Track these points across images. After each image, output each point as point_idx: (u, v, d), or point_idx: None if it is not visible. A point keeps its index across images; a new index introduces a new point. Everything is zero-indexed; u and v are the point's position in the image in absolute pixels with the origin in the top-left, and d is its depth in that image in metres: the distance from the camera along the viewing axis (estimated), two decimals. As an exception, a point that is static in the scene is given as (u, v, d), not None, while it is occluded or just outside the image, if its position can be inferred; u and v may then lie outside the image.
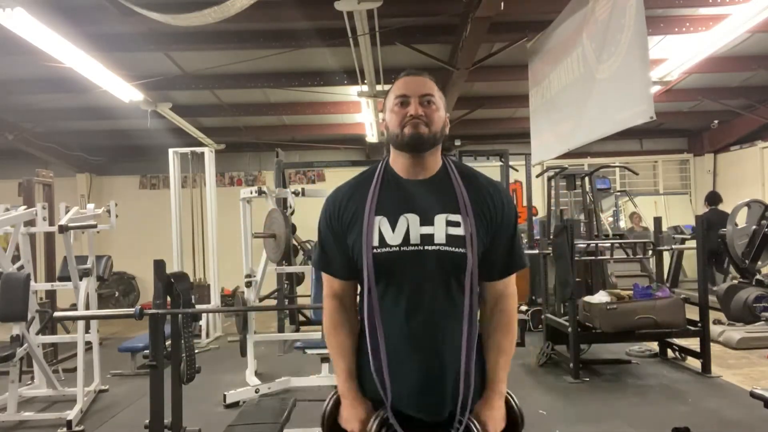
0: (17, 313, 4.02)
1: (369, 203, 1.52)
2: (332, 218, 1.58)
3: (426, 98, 1.53)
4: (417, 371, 1.48)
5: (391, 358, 1.49)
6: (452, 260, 1.48)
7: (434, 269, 1.48)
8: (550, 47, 5.24)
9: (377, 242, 1.49)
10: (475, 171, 1.62)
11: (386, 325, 1.50)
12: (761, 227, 5.87)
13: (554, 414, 4.09)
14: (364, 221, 1.50)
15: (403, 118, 1.51)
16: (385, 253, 1.48)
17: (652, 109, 3.51)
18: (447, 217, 1.50)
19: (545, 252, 5.94)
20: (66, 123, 8.61)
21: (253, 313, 5.33)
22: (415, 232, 1.48)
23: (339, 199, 1.59)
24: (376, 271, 1.48)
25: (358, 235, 1.51)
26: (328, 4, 4.30)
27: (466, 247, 1.47)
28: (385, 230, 1.49)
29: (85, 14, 4.93)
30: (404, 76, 1.58)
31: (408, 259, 1.48)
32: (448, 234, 1.48)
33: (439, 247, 1.47)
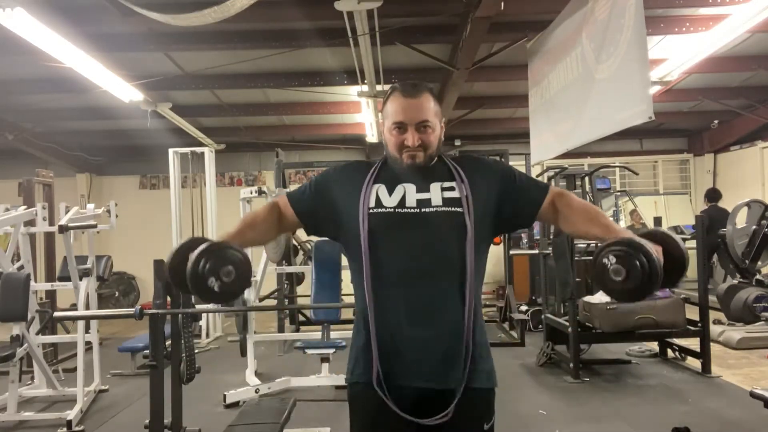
0: (17, 313, 4.02)
1: (369, 175, 1.59)
2: (331, 179, 1.66)
3: (422, 125, 1.56)
4: (416, 337, 1.48)
5: (388, 327, 1.49)
6: (450, 219, 1.51)
7: (431, 230, 1.50)
8: (550, 47, 5.24)
9: (373, 203, 1.53)
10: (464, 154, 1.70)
11: (383, 293, 1.50)
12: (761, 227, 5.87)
13: (554, 414, 4.09)
14: (363, 186, 1.56)
15: (400, 146, 1.56)
16: (381, 213, 1.52)
17: (651, 110, 3.51)
18: (442, 185, 1.56)
19: (545, 252, 5.94)
20: (66, 123, 8.61)
21: (253, 313, 5.33)
22: (412, 197, 1.54)
23: (340, 169, 1.69)
24: (371, 231, 1.50)
25: (353, 200, 1.55)
26: (328, 4, 4.30)
27: (462, 206, 1.51)
28: (382, 194, 1.55)
29: (85, 14, 4.93)
30: (400, 96, 1.58)
31: (403, 220, 1.51)
32: (444, 197, 1.53)
33: (437, 209, 1.52)
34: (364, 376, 1.54)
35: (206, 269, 1.42)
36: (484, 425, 1.55)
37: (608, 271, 1.34)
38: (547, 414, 4.09)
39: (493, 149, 7.90)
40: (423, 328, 1.48)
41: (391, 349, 1.49)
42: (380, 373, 1.49)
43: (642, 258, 1.31)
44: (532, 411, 4.15)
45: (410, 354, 1.49)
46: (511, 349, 6.07)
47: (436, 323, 1.49)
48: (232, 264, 1.44)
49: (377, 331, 1.49)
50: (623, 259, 1.33)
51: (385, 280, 1.50)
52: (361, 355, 1.55)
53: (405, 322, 1.48)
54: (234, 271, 1.43)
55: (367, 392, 1.53)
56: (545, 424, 3.90)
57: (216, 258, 1.43)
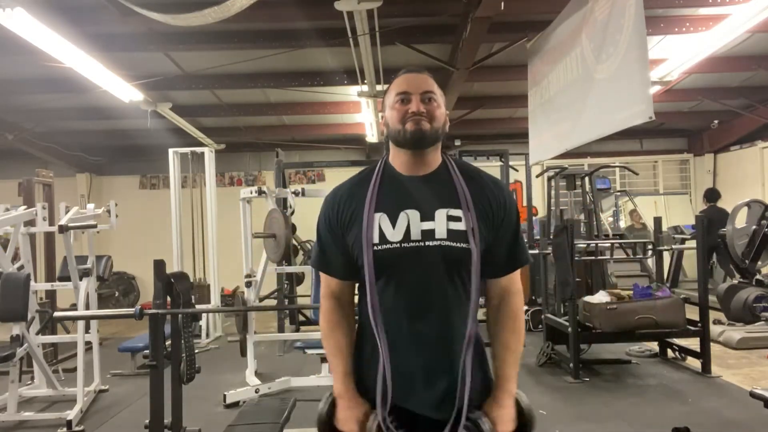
0: (17, 313, 4.02)
1: (368, 200, 1.51)
2: (331, 218, 1.57)
3: (427, 95, 1.52)
4: (418, 368, 1.47)
5: (391, 356, 1.48)
6: (454, 255, 1.47)
7: (436, 265, 1.47)
8: (550, 47, 5.24)
9: (377, 239, 1.47)
10: (475, 167, 1.62)
11: (387, 322, 1.49)
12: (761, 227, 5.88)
13: (554, 414, 4.09)
14: (364, 218, 1.49)
15: (404, 115, 1.50)
16: (386, 250, 1.47)
17: (651, 109, 3.51)
18: (448, 212, 1.48)
19: (545, 252, 5.94)
20: (66, 123, 8.61)
21: (253, 313, 5.33)
22: (416, 228, 1.47)
23: (338, 199, 1.58)
24: (376, 268, 1.47)
25: (358, 232, 1.49)
26: (328, 4, 4.30)
27: (468, 242, 1.46)
28: (386, 227, 1.48)
29: (85, 14, 4.93)
30: (404, 74, 1.57)
31: (409, 256, 1.46)
32: (449, 229, 1.47)
33: (441, 243, 1.46)
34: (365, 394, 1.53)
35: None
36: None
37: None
38: (547, 414, 4.09)
39: (493, 149, 7.89)
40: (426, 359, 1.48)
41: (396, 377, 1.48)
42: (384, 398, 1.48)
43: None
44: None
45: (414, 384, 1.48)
46: (511, 349, 6.06)
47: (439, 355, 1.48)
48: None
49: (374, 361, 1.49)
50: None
51: (390, 313, 1.49)
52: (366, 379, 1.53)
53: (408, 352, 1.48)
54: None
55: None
56: (545, 424, 3.90)
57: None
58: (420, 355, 1.48)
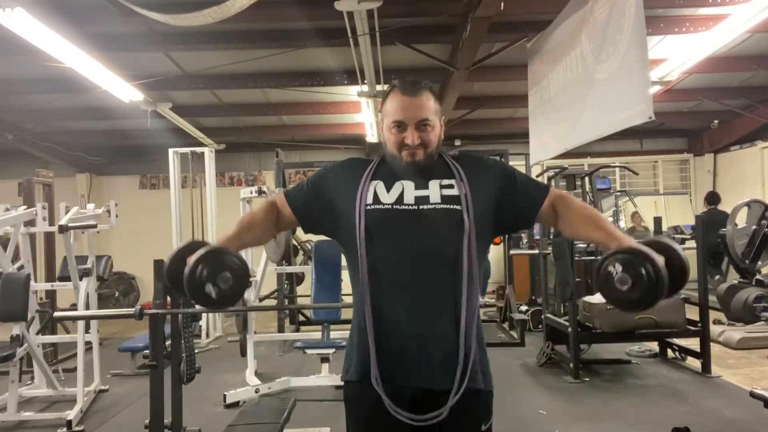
0: (17, 313, 4.02)
1: (366, 172, 1.59)
2: (327, 177, 1.65)
3: (422, 123, 1.55)
4: (414, 336, 1.47)
5: (384, 325, 1.48)
6: (448, 217, 1.49)
7: (429, 227, 1.49)
8: (550, 47, 5.24)
9: (371, 200, 1.52)
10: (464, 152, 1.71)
11: (380, 289, 1.48)
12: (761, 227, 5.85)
13: (554, 414, 4.09)
14: (360, 184, 1.55)
15: (400, 144, 1.55)
16: (378, 210, 1.51)
17: (651, 109, 3.50)
18: (441, 182, 1.55)
19: (545, 252, 5.94)
20: (66, 123, 8.61)
21: (253, 313, 5.33)
22: (410, 194, 1.53)
23: (338, 167, 1.68)
24: (368, 228, 1.49)
25: (351, 197, 1.54)
26: (328, 4, 4.30)
27: (461, 204, 1.50)
28: (380, 191, 1.54)
29: (85, 14, 4.93)
30: (400, 94, 1.56)
31: (401, 217, 1.49)
32: (443, 195, 1.52)
33: (435, 206, 1.50)
34: (359, 374, 1.52)
35: (203, 276, 1.41)
36: (482, 426, 1.55)
37: (613, 279, 1.31)
38: (547, 414, 4.09)
39: (493, 149, 7.89)
40: (420, 327, 1.47)
41: (388, 348, 1.48)
42: (378, 372, 1.48)
43: (648, 267, 1.29)
44: (532, 411, 4.16)
45: (407, 354, 1.47)
46: (511, 349, 6.07)
47: (434, 323, 1.47)
48: (230, 270, 1.43)
49: (375, 330, 1.48)
50: (629, 268, 1.30)
51: (383, 278, 1.49)
52: (357, 353, 1.54)
53: (403, 321, 1.47)
54: (231, 278, 1.42)
55: (362, 391, 1.51)
56: (545, 424, 3.90)
57: (213, 264, 1.42)
58: (417, 322, 1.47)
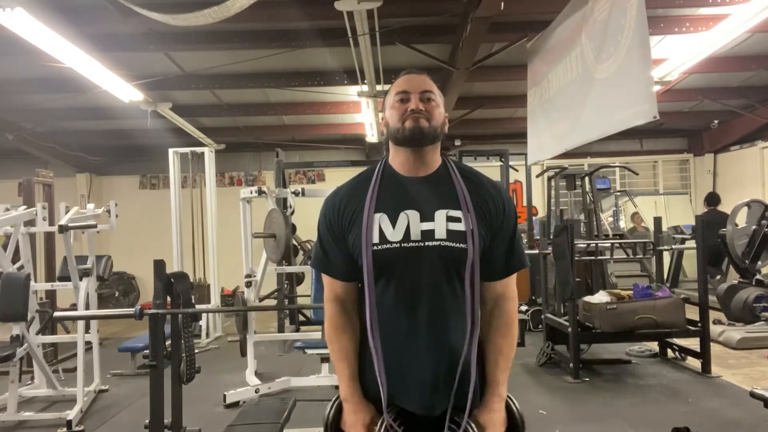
0: (17, 313, 4.02)
1: (368, 201, 1.51)
2: (332, 219, 1.57)
3: (426, 95, 1.54)
4: (419, 368, 1.48)
5: (392, 356, 1.48)
6: (453, 256, 1.47)
7: (435, 265, 1.47)
8: (549, 47, 5.24)
9: (377, 239, 1.48)
10: (475, 171, 1.62)
11: (387, 322, 1.49)
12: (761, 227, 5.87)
13: (554, 414, 4.09)
14: (364, 218, 1.49)
15: (403, 113, 1.52)
16: (386, 250, 1.47)
17: (656, 109, 3.48)
18: (447, 213, 1.49)
19: (545, 252, 5.94)
20: (66, 123, 8.61)
21: (253, 313, 5.33)
22: (416, 229, 1.48)
23: (338, 200, 1.58)
24: (376, 268, 1.48)
25: (358, 233, 1.49)
26: (328, 4, 4.30)
27: (467, 243, 1.47)
28: (386, 227, 1.49)
29: (85, 14, 4.93)
30: (404, 75, 1.59)
31: (409, 256, 1.47)
32: (448, 229, 1.48)
33: (440, 243, 1.47)
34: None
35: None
36: None
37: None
38: (547, 414, 4.09)
39: (493, 149, 7.89)
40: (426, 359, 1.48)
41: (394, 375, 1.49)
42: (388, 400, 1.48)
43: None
44: (532, 411, 4.15)
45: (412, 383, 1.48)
46: (511, 349, 6.06)
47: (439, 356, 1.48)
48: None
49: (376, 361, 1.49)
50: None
51: (388, 314, 1.49)
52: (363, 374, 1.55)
53: (408, 353, 1.48)
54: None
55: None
56: (545, 424, 3.90)
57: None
58: (420, 356, 1.48)
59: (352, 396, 1.52)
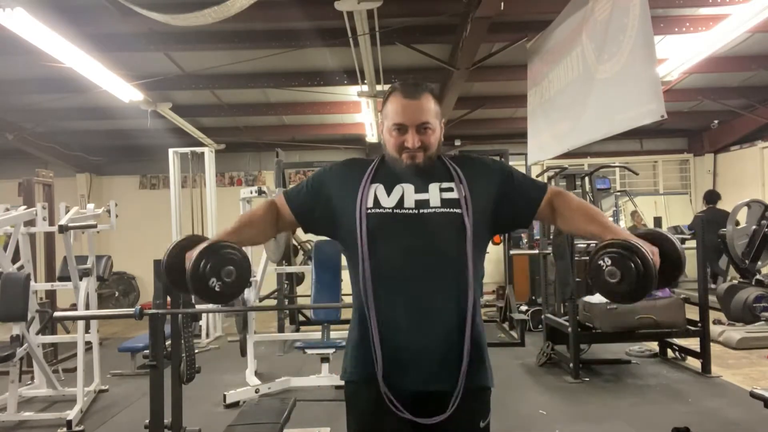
0: (17, 313, 4.02)
1: (366, 174, 1.59)
2: (325, 179, 1.65)
3: (423, 126, 1.55)
4: (415, 338, 1.48)
5: (387, 327, 1.48)
6: (448, 220, 1.50)
7: (430, 231, 1.50)
8: (550, 47, 5.24)
9: (371, 204, 1.52)
10: (464, 154, 1.73)
11: (382, 292, 1.49)
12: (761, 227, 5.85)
13: (554, 414, 4.09)
14: (360, 187, 1.55)
15: (401, 147, 1.56)
16: (379, 214, 1.51)
17: (663, 108, 3.42)
18: (440, 185, 1.56)
19: (545, 252, 5.94)
20: (66, 123, 8.60)
21: (253, 313, 5.33)
22: (410, 198, 1.53)
23: (341, 167, 1.68)
24: (369, 232, 1.50)
25: (351, 199, 1.54)
26: (328, 4, 4.30)
27: (461, 208, 1.51)
28: (380, 194, 1.54)
29: (85, 14, 4.93)
30: (400, 96, 1.57)
31: (402, 221, 1.50)
32: (442, 198, 1.53)
33: (435, 209, 1.51)
34: (360, 374, 1.54)
35: (207, 269, 1.42)
36: (480, 423, 1.56)
37: (603, 272, 1.35)
38: (547, 414, 4.09)
39: (493, 149, 7.89)
40: (422, 328, 1.48)
41: (390, 350, 1.49)
42: (382, 373, 1.48)
43: (636, 260, 1.32)
44: (532, 411, 4.15)
45: (409, 354, 1.49)
46: (511, 349, 6.07)
47: (435, 324, 1.49)
48: (233, 264, 1.43)
49: (378, 331, 1.49)
50: (618, 261, 1.34)
51: (384, 281, 1.50)
52: (357, 353, 1.55)
53: (404, 323, 1.48)
54: (234, 271, 1.43)
55: (363, 390, 1.53)
56: (545, 424, 3.90)
57: (216, 258, 1.43)
58: (418, 324, 1.48)
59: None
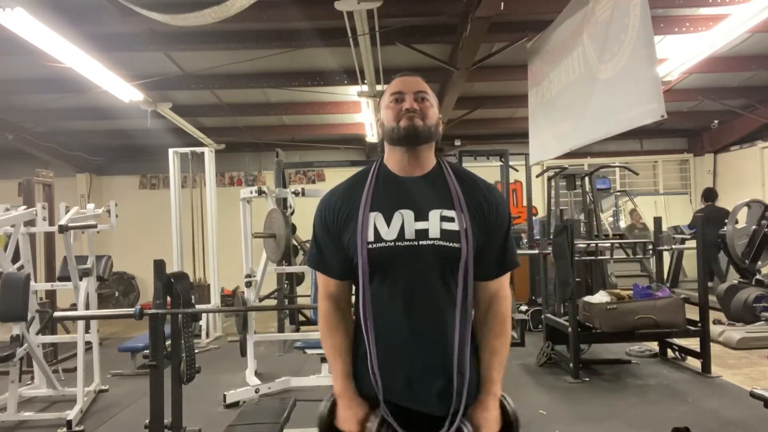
0: (17, 313, 4.02)
1: (364, 200, 1.54)
2: (327, 218, 1.59)
3: (420, 95, 1.56)
4: (412, 366, 1.49)
5: (386, 353, 1.50)
6: (447, 255, 1.49)
7: (429, 264, 1.49)
8: (550, 47, 5.24)
9: (372, 238, 1.50)
10: (469, 172, 1.65)
11: (381, 320, 1.51)
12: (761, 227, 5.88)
13: (554, 414, 4.09)
14: (359, 217, 1.51)
15: (398, 113, 1.54)
16: (380, 248, 1.49)
17: (663, 108, 3.44)
18: (441, 213, 1.51)
19: (545, 252, 5.94)
20: (66, 123, 8.61)
21: (253, 313, 5.33)
22: (410, 228, 1.49)
23: (335, 199, 1.60)
24: (370, 266, 1.49)
25: (354, 231, 1.51)
26: (328, 4, 4.30)
27: (460, 242, 1.49)
28: (380, 225, 1.51)
29: (85, 14, 4.93)
30: (398, 77, 1.62)
31: (403, 254, 1.49)
32: (442, 229, 1.50)
33: (434, 242, 1.49)
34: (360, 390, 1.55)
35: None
36: None
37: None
38: (547, 414, 4.09)
39: (493, 149, 7.87)
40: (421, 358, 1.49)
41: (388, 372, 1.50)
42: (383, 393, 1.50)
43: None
44: (532, 411, 4.15)
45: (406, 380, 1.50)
46: (511, 349, 5.97)
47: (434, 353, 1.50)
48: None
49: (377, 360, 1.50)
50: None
51: (384, 312, 1.51)
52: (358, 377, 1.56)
53: (403, 353, 1.50)
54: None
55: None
56: (545, 424, 3.90)
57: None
58: (415, 353, 1.49)
59: (346, 392, 1.54)
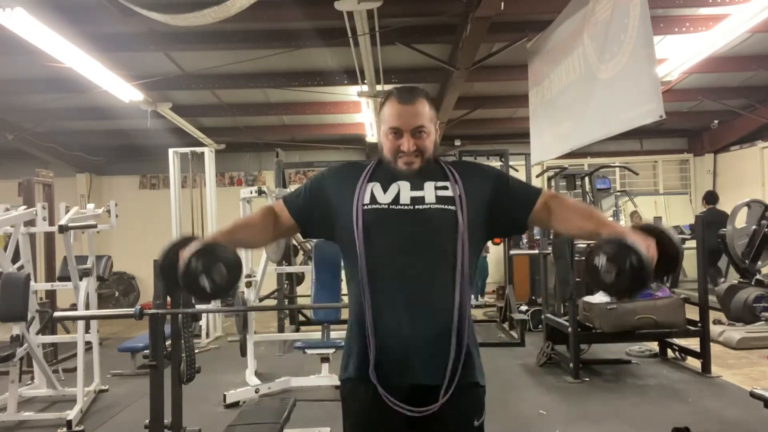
0: (17, 313, 4.01)
1: (364, 174, 1.63)
2: (325, 181, 1.68)
3: (418, 130, 1.59)
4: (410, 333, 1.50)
5: (382, 321, 1.51)
6: (443, 216, 1.54)
7: (425, 226, 1.53)
8: (550, 47, 5.24)
9: (368, 200, 1.56)
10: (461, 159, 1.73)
11: (378, 286, 1.52)
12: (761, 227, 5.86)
13: (554, 414, 4.09)
14: (358, 185, 1.59)
15: (396, 151, 1.60)
16: (374, 209, 1.55)
17: (662, 108, 3.45)
18: (435, 184, 1.59)
19: (545, 252, 5.94)
20: (66, 123, 8.61)
21: (253, 313, 5.33)
22: (406, 195, 1.56)
23: (341, 169, 1.72)
24: (365, 226, 1.53)
25: (350, 197, 1.57)
26: (328, 4, 4.30)
27: (455, 205, 1.54)
28: (377, 191, 1.58)
29: (85, 14, 4.93)
30: (396, 102, 1.61)
31: (397, 216, 1.53)
32: (437, 195, 1.56)
33: (430, 206, 1.54)
34: (357, 371, 1.56)
35: (198, 269, 1.45)
36: (474, 421, 1.57)
37: (599, 270, 1.37)
38: (547, 414, 4.09)
39: (493, 149, 7.89)
40: (416, 323, 1.50)
41: (385, 344, 1.52)
42: (375, 367, 1.51)
43: (632, 257, 1.34)
44: (532, 411, 4.16)
45: (403, 349, 1.51)
46: (511, 349, 6.07)
47: (430, 319, 1.51)
48: (224, 263, 1.47)
49: (374, 326, 1.51)
50: (613, 259, 1.35)
51: (380, 276, 1.53)
52: (355, 351, 1.57)
53: (398, 318, 1.51)
54: (225, 272, 1.46)
55: (359, 387, 1.56)
56: (545, 424, 3.90)
57: (208, 257, 1.46)
58: (408, 319, 1.50)
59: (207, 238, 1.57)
